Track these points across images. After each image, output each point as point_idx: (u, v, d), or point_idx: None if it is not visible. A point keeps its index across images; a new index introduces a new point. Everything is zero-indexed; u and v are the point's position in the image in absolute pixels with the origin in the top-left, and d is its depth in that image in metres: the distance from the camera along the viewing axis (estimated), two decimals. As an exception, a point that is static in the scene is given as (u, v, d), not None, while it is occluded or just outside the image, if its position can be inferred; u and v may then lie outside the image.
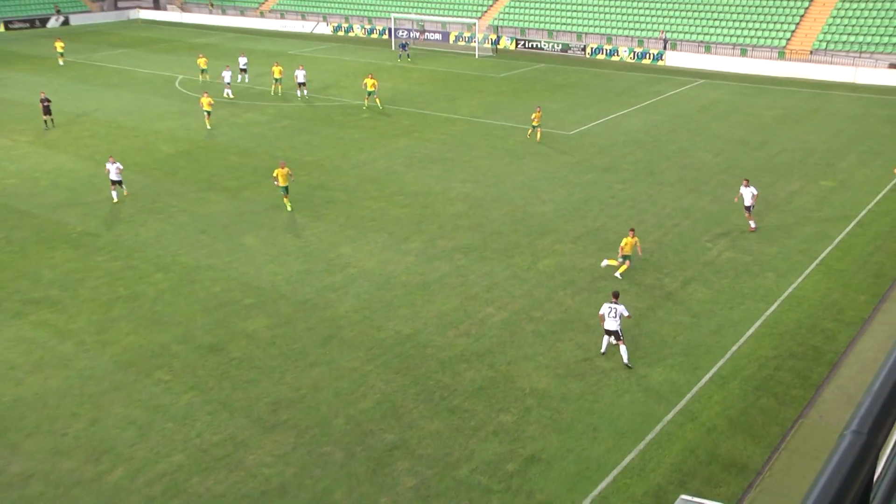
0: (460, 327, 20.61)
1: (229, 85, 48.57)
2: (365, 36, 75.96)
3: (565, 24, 66.91)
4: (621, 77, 55.04)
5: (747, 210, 26.45)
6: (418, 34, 71.34)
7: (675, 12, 63.18)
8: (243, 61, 53.03)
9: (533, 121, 37.81)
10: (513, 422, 16.60)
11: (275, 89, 49.59)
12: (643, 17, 64.08)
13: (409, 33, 71.12)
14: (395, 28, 70.95)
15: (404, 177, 33.22)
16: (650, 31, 62.74)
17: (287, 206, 29.16)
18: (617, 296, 18.93)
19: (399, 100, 47.67)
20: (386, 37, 73.31)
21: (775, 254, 25.05)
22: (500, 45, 67.31)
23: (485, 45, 66.86)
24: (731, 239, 26.26)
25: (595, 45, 63.42)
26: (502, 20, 69.96)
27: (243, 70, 52.83)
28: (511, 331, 20.37)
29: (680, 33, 61.53)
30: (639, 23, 63.83)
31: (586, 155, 36.04)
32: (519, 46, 66.92)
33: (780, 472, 14.72)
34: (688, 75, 55.62)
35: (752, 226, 26.62)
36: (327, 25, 78.64)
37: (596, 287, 22.63)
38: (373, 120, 43.10)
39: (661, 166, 34.24)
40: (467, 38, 69.13)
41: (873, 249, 25.47)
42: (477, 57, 63.75)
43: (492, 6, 72.34)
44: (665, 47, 60.57)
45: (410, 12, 73.46)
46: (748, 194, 26.16)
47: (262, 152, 37.04)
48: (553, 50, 65.05)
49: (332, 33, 77.95)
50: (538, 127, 37.89)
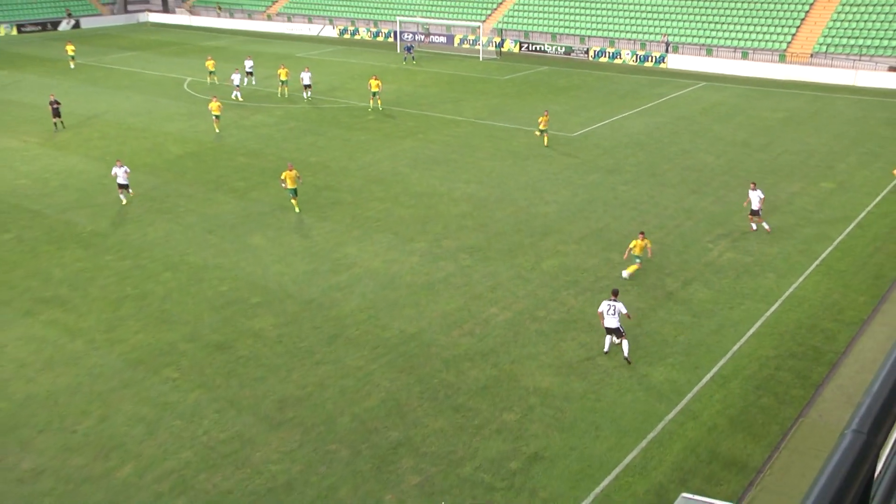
0: (464, 327, 20.60)
1: (238, 87, 48.61)
2: (371, 39, 76.01)
3: (569, 28, 66.86)
4: (624, 80, 54.96)
5: (756, 213, 26.21)
6: (423, 37, 71.35)
7: (677, 15, 63.10)
8: (249, 64, 53.06)
9: (540, 124, 37.12)
10: (516, 420, 16.59)
11: (281, 91, 49.66)
12: (645, 20, 64.02)
13: (414, 36, 71.11)
14: (400, 31, 70.95)
15: (409, 178, 33.23)
16: (652, 34, 62.66)
17: (295, 207, 29.19)
18: (616, 294, 18.92)
19: (404, 102, 47.69)
20: (391, 40, 73.30)
21: (776, 254, 24.99)
22: (504, 48, 67.29)
23: (489, 48, 66.83)
24: (733, 240, 26.21)
25: (598, 48, 63.37)
26: (506, 23, 69.94)
27: (249, 73, 52.86)
28: (515, 330, 20.36)
29: (682, 36, 61.43)
30: (641, 26, 63.76)
31: (589, 156, 36.01)
32: (523, 49, 66.88)
33: (780, 471, 14.70)
34: (690, 78, 55.54)
35: (767, 228, 26.40)
36: (333, 28, 78.69)
37: (599, 287, 22.60)
38: (378, 122, 43.13)
39: (664, 168, 34.19)
40: (472, 41, 69.15)
41: (873, 251, 25.40)
42: (481, 60, 63.75)
43: (496, 9, 72.32)
44: (667, 50, 60.47)
45: (416, 15, 73.45)
46: (755, 198, 26.01)
47: (270, 154, 37.09)
48: (556, 53, 65.00)
49: (338, 36, 78.00)
50: (545, 131, 37.29)
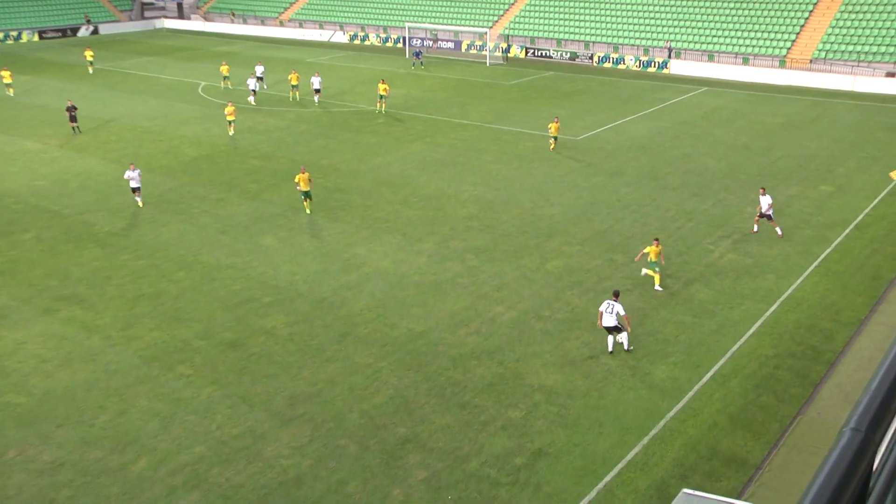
0: (471, 326, 20.60)
1: (254, 92, 48.66)
2: (380, 44, 76.07)
3: (573, 34, 66.77)
4: (627, 85, 54.88)
5: (768, 218, 26.00)
6: (432, 43, 71.35)
7: (680, 22, 62.97)
8: (260, 70, 52.78)
9: (551, 130, 36.63)
10: (521, 417, 16.58)
11: (293, 95, 49.74)
12: (649, 26, 63.90)
13: (422, 42, 71.11)
14: (409, 37, 70.97)
15: (417, 180, 33.24)
16: (655, 40, 62.55)
17: (306, 209, 29.20)
18: (617, 295, 18.94)
19: (413, 106, 47.71)
20: (400, 45, 73.37)
21: (775, 256, 24.92)
22: (510, 53, 67.27)
23: (496, 54, 66.83)
24: (733, 241, 26.14)
25: (602, 54, 63.28)
26: (513, 29, 69.91)
27: (260, 78, 52.68)
28: (520, 329, 20.35)
29: (684, 42, 61.31)
30: (644, 32, 63.64)
31: (593, 160, 35.96)
32: (529, 55, 66.84)
33: (778, 468, 14.66)
34: (691, 83, 55.40)
35: (779, 232, 26.24)
36: (344, 34, 78.76)
37: (602, 287, 22.57)
38: (387, 125, 43.15)
39: (666, 171, 34.12)
40: (479, 47, 69.13)
41: (870, 252, 25.30)
42: (488, 65, 63.74)
43: (503, 16, 72.28)
44: (670, 56, 60.38)
45: (424, 21, 73.46)
46: (765, 203, 25.86)
47: (282, 156, 37.14)
48: (562, 58, 64.94)
49: (348, 42, 78.07)
50: (556, 138, 36.89)
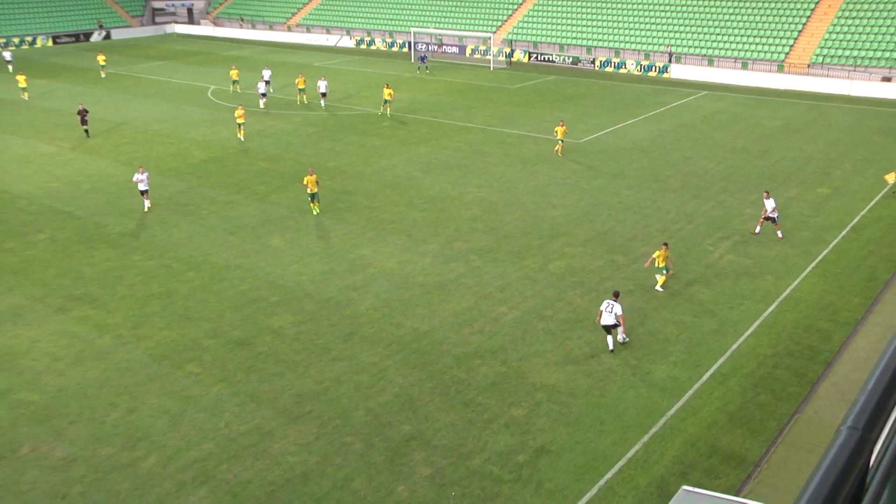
0: (474, 325, 20.59)
1: (265, 96, 48.61)
2: (386, 49, 76.11)
3: (575, 39, 66.71)
4: (628, 89, 54.83)
5: (772, 220, 25.94)
6: (436, 47, 71.37)
7: (680, 27, 62.87)
8: (267, 74, 52.42)
9: (557, 134, 36.22)
10: (524, 415, 16.57)
11: (300, 99, 49.80)
12: (649, 31, 63.81)
13: (427, 46, 71.16)
14: (414, 42, 70.98)
15: (422, 182, 33.24)
16: (656, 44, 62.45)
17: (313, 210, 29.18)
18: (617, 295, 19.00)
19: (418, 109, 47.72)
20: (406, 50, 73.38)
21: (774, 257, 24.87)
22: (513, 57, 67.24)
23: (499, 58, 66.81)
24: (732, 243, 26.10)
25: (604, 58, 63.24)
26: (516, 34, 69.88)
27: (266, 82, 52.55)
28: (523, 329, 20.33)
29: (684, 47, 61.21)
30: (645, 37, 63.56)
31: (595, 162, 35.93)
32: (532, 59, 66.82)
33: (776, 465, 14.63)
34: (691, 87, 55.33)
35: (779, 234, 26.19)
36: (350, 39, 78.83)
37: (604, 288, 22.54)
38: (393, 128, 43.17)
39: (666, 173, 34.08)
40: (483, 52, 69.14)
41: (866, 254, 25.24)
42: (492, 69, 63.72)
43: (506, 21, 72.27)
44: (670, 60, 60.28)
45: (429, 26, 73.46)
46: (769, 205, 25.77)
47: (289, 159, 37.18)
48: (564, 63, 64.90)
49: (354, 46, 78.13)
50: (562, 141, 36.42)
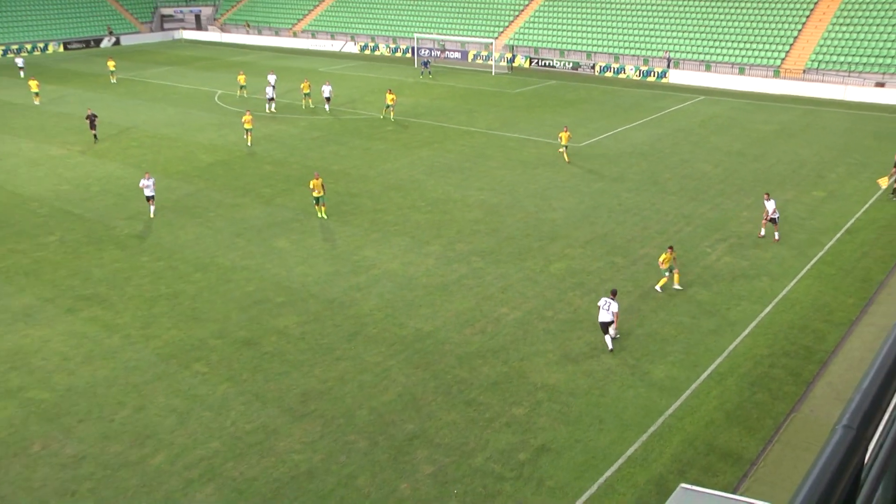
0: (476, 325, 20.59)
1: (272, 100, 48.47)
2: (390, 54, 76.14)
3: (576, 44, 66.72)
4: (628, 93, 54.81)
5: (772, 221, 25.85)
6: (439, 53, 71.39)
7: (678, 33, 62.86)
8: (272, 79, 52.18)
9: (562, 140, 35.86)
10: (525, 414, 16.56)
11: (305, 103, 49.83)
12: (648, 37, 63.80)
13: (430, 52, 71.19)
14: (417, 47, 71.06)
15: (425, 185, 33.25)
16: (655, 50, 62.45)
17: (318, 213, 29.07)
18: (615, 294, 19.13)
19: (421, 114, 47.74)
20: (409, 55, 73.44)
21: (770, 258, 24.85)
22: (515, 63, 67.22)
23: (501, 63, 66.78)
24: (730, 245, 26.08)
25: (603, 64, 63.23)
26: (517, 40, 69.89)
27: (272, 87, 52.45)
28: (524, 329, 20.33)
29: (682, 53, 61.19)
30: (644, 43, 63.55)
31: (595, 166, 35.91)
32: (533, 64, 66.83)
33: (773, 463, 14.62)
34: (689, 92, 55.31)
35: (776, 237, 26.14)
36: (355, 45, 78.87)
37: (603, 289, 22.49)
38: (396, 132, 43.19)
39: (665, 176, 34.06)
40: (485, 57, 69.16)
41: (860, 255, 25.21)
42: (493, 74, 63.73)
43: (508, 27, 72.29)
44: (668, 66, 60.27)
45: (432, 32, 73.52)
46: (770, 207, 25.70)
47: (294, 162, 37.20)
48: (564, 68, 64.92)
49: (359, 52, 78.17)
50: (566, 147, 36.01)
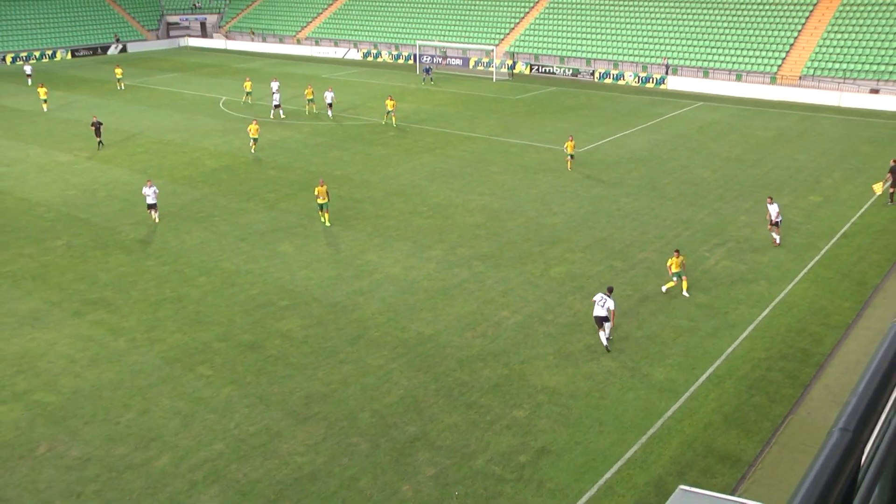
0: (477, 329, 20.56)
1: (280, 106, 48.42)
2: (392, 61, 76.23)
3: (576, 51, 66.76)
4: (627, 100, 54.84)
5: (775, 225, 25.79)
6: (441, 59, 71.45)
7: (677, 40, 62.88)
8: (276, 86, 51.75)
9: (567, 149, 35.53)
10: (525, 416, 16.53)
11: (309, 109, 49.87)
12: (647, 44, 63.84)
13: (432, 59, 71.23)
14: (419, 54, 71.07)
15: (427, 190, 33.24)
16: (653, 57, 62.47)
17: (321, 218, 28.96)
18: (611, 290, 19.29)
19: (423, 119, 47.75)
20: (411, 62, 73.51)
21: (767, 263, 24.81)
22: (515, 69, 67.29)
23: (502, 70, 66.86)
24: (728, 249, 26.04)
25: (603, 70, 63.26)
26: (518, 47, 69.96)
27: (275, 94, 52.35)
28: (524, 332, 20.30)
29: (681, 59, 61.20)
30: (643, 50, 63.58)
31: (594, 171, 35.90)
32: (533, 71, 66.86)
33: (770, 465, 14.58)
34: (688, 98, 55.31)
35: (777, 240, 26.01)
36: (357, 51, 78.98)
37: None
38: (398, 138, 43.21)
39: (663, 182, 34.04)
40: (486, 64, 69.20)
41: (857, 259, 25.17)
42: (494, 80, 63.77)
43: (508, 34, 72.37)
44: (667, 72, 60.27)
45: (434, 39, 73.58)
46: (773, 211, 25.67)
47: (298, 167, 37.21)
48: (564, 74, 64.93)
49: (361, 59, 78.26)
50: (572, 156, 35.62)
